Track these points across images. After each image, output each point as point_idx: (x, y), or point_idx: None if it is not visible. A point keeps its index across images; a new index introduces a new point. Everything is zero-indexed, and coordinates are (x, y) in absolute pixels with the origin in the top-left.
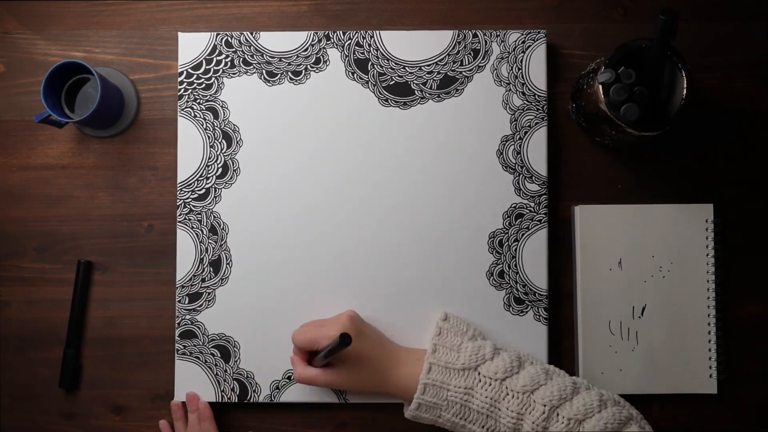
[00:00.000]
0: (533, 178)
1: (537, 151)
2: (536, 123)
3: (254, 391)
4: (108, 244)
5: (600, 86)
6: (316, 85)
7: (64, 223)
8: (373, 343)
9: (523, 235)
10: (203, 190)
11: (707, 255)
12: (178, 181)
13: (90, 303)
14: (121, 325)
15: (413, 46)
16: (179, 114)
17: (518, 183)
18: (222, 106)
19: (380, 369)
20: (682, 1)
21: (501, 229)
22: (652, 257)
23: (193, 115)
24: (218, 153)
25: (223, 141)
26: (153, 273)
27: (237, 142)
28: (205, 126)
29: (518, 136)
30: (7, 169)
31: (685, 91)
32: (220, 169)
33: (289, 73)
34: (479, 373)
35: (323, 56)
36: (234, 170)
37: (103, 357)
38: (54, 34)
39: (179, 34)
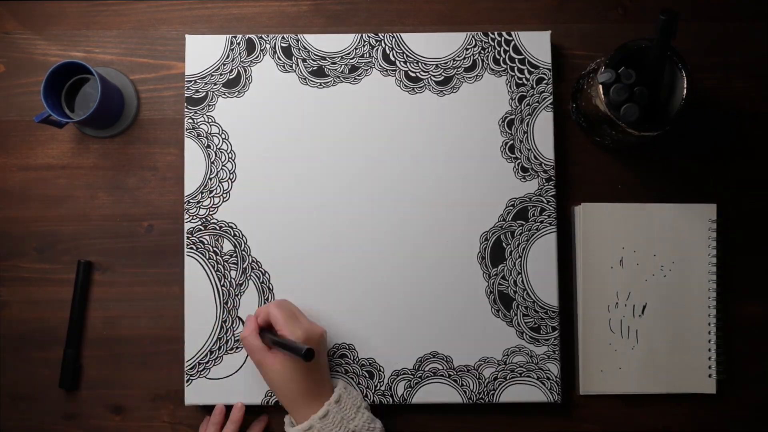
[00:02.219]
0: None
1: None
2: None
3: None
4: (108, 244)
5: (600, 86)
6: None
7: (64, 223)
8: (315, 371)
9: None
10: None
11: (709, 255)
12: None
13: (90, 303)
14: (121, 325)
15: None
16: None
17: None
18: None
19: (301, 393)
20: (682, 1)
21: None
22: (654, 256)
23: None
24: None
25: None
26: (153, 273)
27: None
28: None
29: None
30: (7, 169)
31: (685, 91)
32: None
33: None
34: None
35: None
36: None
37: (103, 357)
38: (54, 34)
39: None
